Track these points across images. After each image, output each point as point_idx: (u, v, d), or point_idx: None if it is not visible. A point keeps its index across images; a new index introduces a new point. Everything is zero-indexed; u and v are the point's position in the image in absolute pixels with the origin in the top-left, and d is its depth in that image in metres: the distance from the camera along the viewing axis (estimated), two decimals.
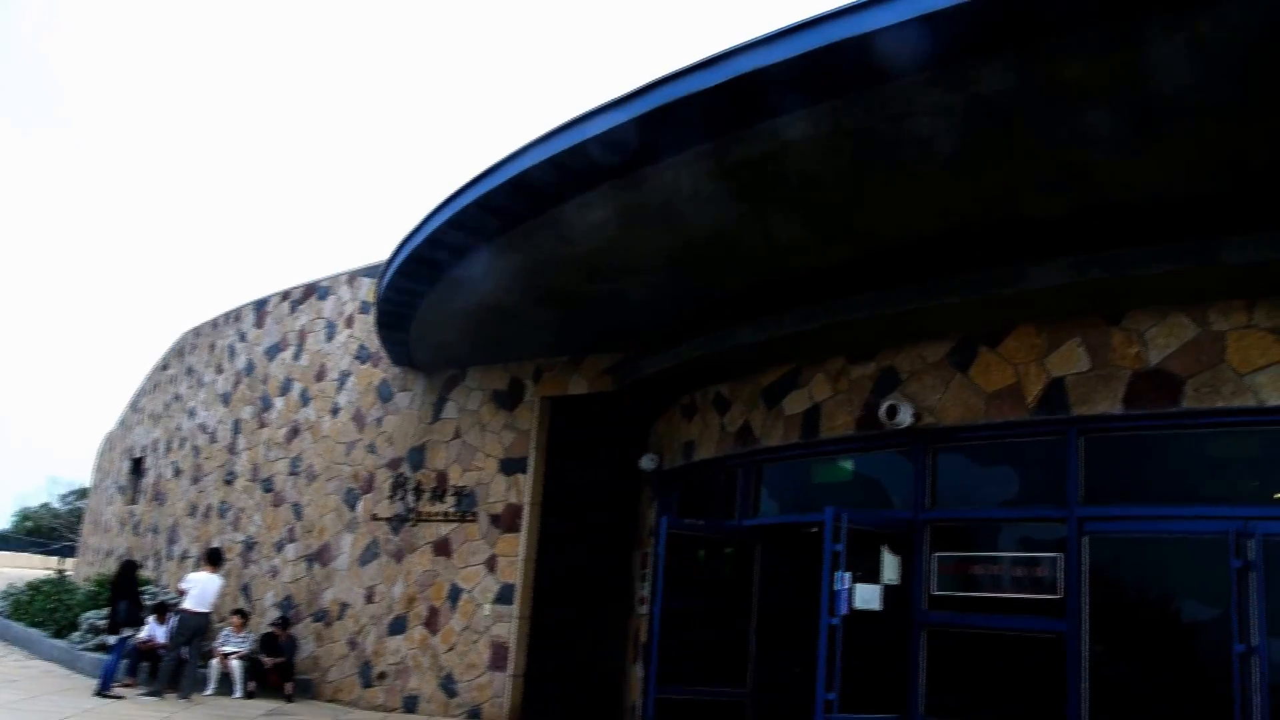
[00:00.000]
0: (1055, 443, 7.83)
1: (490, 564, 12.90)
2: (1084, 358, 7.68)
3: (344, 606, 14.40)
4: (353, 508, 14.74)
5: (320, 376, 16.07)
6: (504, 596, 12.67)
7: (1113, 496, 7.63)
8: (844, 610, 7.89)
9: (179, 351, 21.74)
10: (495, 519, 13.00)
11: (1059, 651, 7.49)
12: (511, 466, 13.03)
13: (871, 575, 8.19)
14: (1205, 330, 7.31)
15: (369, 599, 14.09)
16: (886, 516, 8.58)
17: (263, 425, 17.18)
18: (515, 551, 12.72)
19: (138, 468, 23.13)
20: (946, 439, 8.38)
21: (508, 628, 12.56)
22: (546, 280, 9.84)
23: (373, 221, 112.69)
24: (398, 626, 13.61)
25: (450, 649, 12.99)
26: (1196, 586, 7.40)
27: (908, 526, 8.35)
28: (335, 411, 15.54)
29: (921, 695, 8.13)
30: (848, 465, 9.46)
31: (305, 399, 16.30)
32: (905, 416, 8.25)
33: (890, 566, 8.26)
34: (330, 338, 16.08)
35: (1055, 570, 7.65)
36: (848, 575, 7.96)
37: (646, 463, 11.48)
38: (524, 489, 12.86)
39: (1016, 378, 7.96)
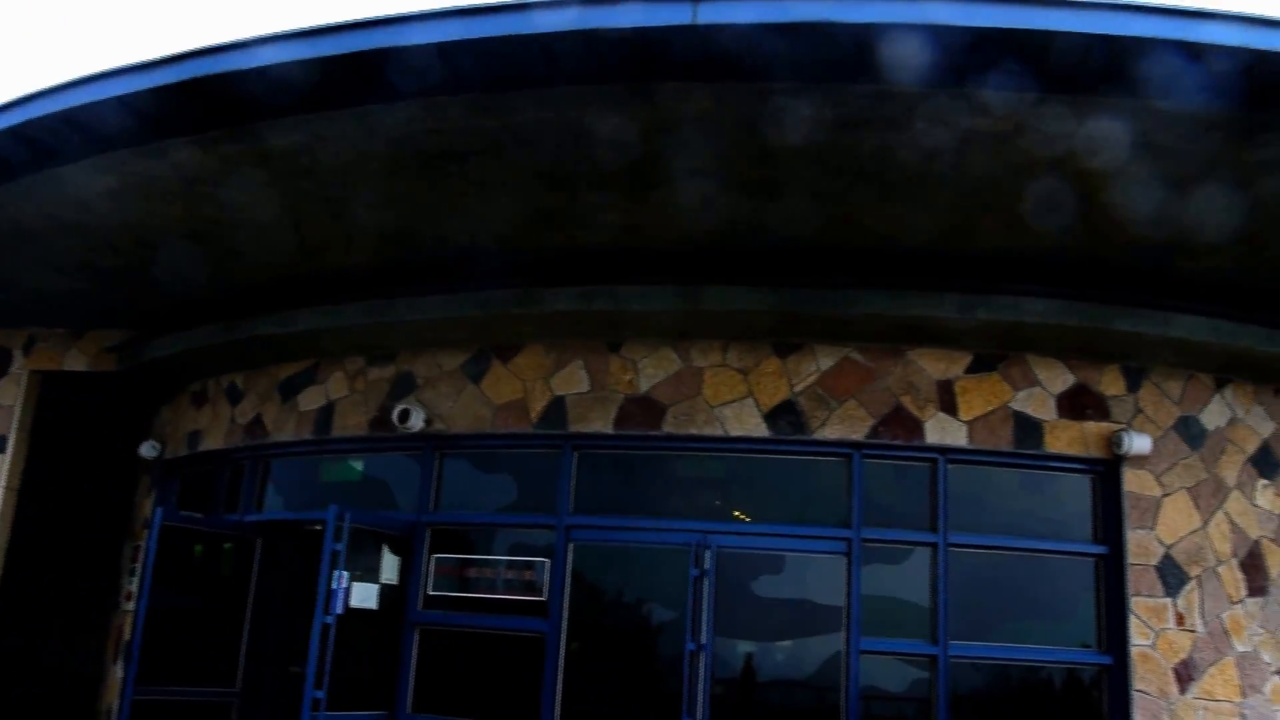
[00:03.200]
0: (553, 456, 8.63)
1: None
2: (585, 379, 8.56)
3: None
4: None
5: None
6: None
7: (598, 508, 8.55)
8: (339, 609, 8.12)
9: None
10: None
11: (540, 650, 8.29)
12: None
13: (371, 574, 8.52)
14: (688, 365, 8.47)
15: None
16: (390, 517, 8.95)
17: None
18: None
19: None
20: (455, 445, 8.92)
21: None
22: (45, 243, 9.14)
23: None
24: None
25: None
26: (662, 592, 8.47)
27: (410, 528, 8.78)
28: None
29: (410, 692, 8.58)
30: (357, 465, 9.72)
31: None
32: (417, 421, 8.68)
33: (390, 566, 8.63)
34: None
35: (543, 574, 8.44)
36: (346, 574, 8.21)
37: (147, 450, 10.98)
38: (0, 472, 11.77)
39: (524, 392, 8.68)
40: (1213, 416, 8.87)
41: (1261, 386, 9.11)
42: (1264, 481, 8.91)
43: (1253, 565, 8.70)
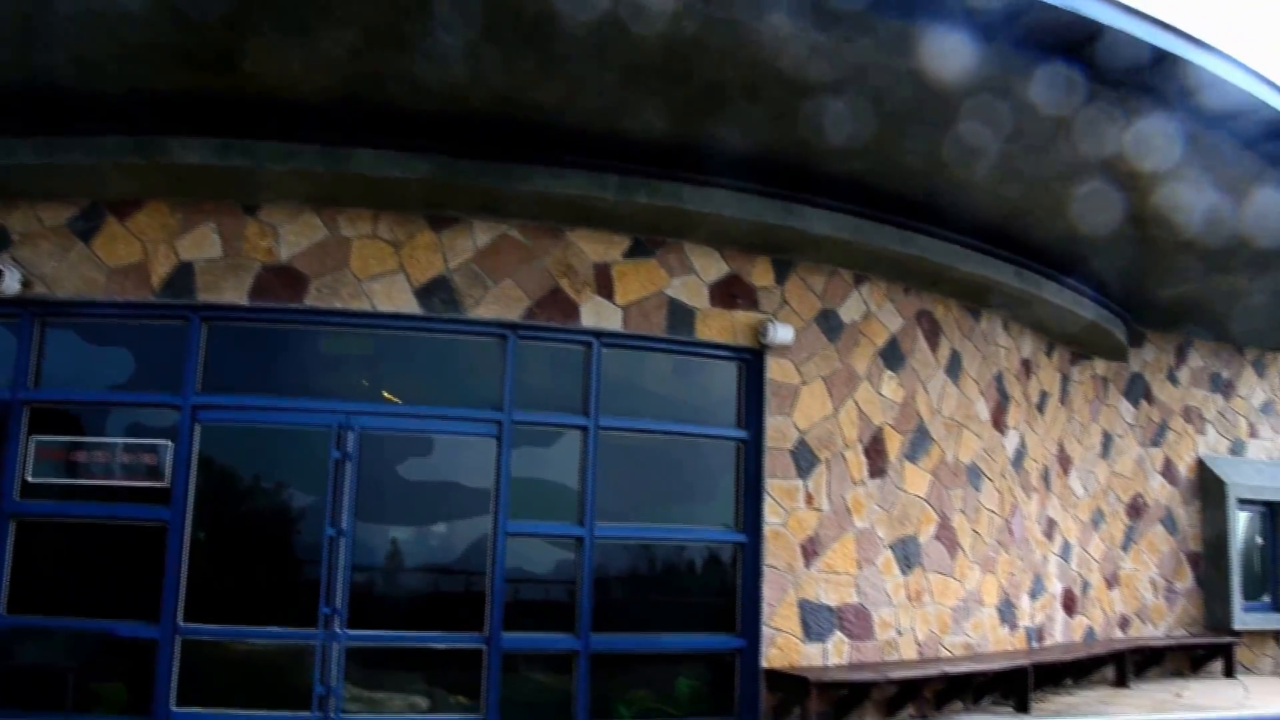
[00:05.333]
0: (178, 328, 7.95)
1: None
2: (217, 244, 7.90)
3: None
4: None
5: None
6: None
7: (231, 386, 7.99)
8: None
9: None
10: None
11: (162, 540, 7.73)
12: None
13: None
14: (334, 234, 8.02)
15: None
16: None
17: None
18: None
19: None
20: (60, 313, 7.99)
21: None
22: None
23: None
24: None
25: None
26: (301, 476, 8.11)
27: (4, 408, 7.87)
28: None
29: (4, 592, 7.78)
30: None
31: None
32: (12, 283, 7.68)
33: None
34: None
35: (165, 458, 7.84)
36: None
37: None
38: None
39: (144, 255, 7.88)
40: (850, 311, 9.54)
41: (894, 285, 9.88)
42: (890, 373, 9.74)
43: (875, 450, 9.53)
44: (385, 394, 8.37)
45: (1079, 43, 6.78)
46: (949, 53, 6.49)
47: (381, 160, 7.57)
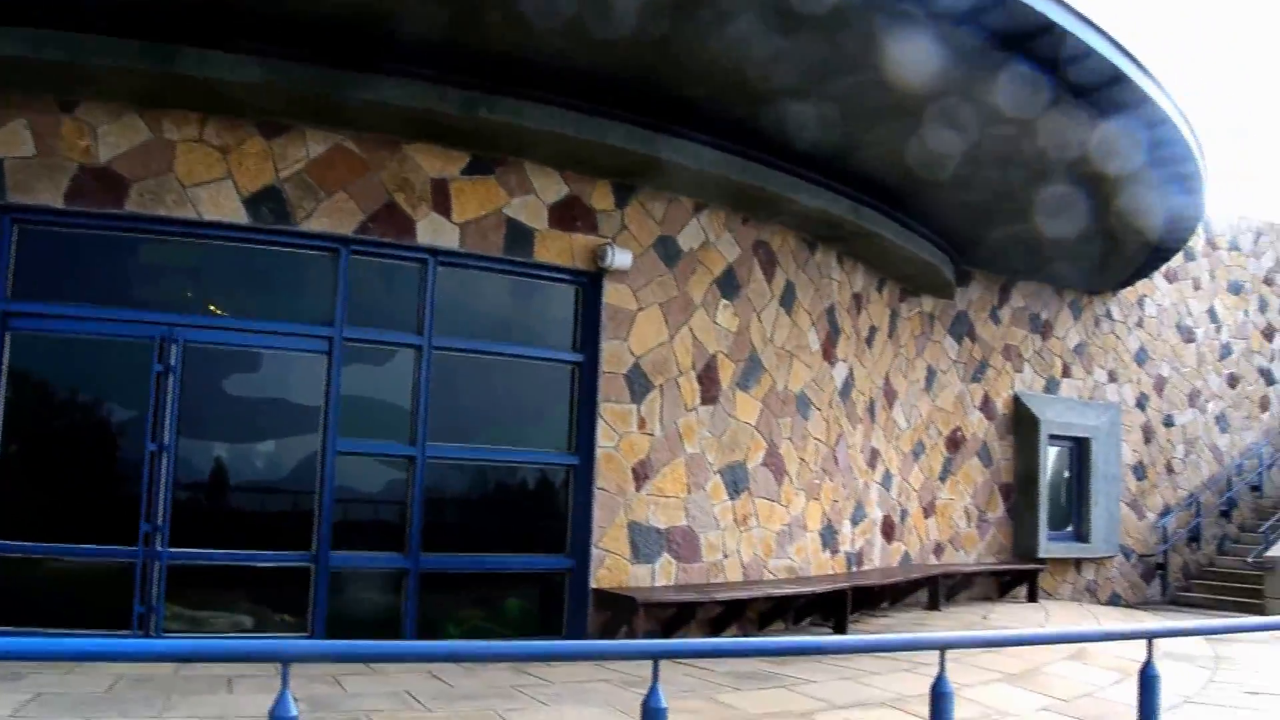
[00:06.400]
0: None
1: None
2: (29, 142, 7.54)
3: None
4: None
5: None
6: None
7: (44, 293, 7.70)
8: None
9: None
10: None
11: None
12: None
13: None
14: (158, 137, 7.76)
15: None
16: None
17: None
18: None
19: None
20: None
21: None
22: None
23: None
24: None
25: None
26: (122, 389, 7.92)
27: None
28: None
29: None
30: None
31: None
32: None
33: None
34: None
35: None
36: None
37: None
38: None
39: None
40: (689, 239, 9.77)
41: (733, 214, 10.15)
42: (725, 302, 10.04)
43: (708, 377, 9.85)
44: (211, 306, 8.22)
45: None
46: None
47: (210, 61, 7.34)
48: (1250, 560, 15.64)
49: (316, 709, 6.13)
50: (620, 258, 9.08)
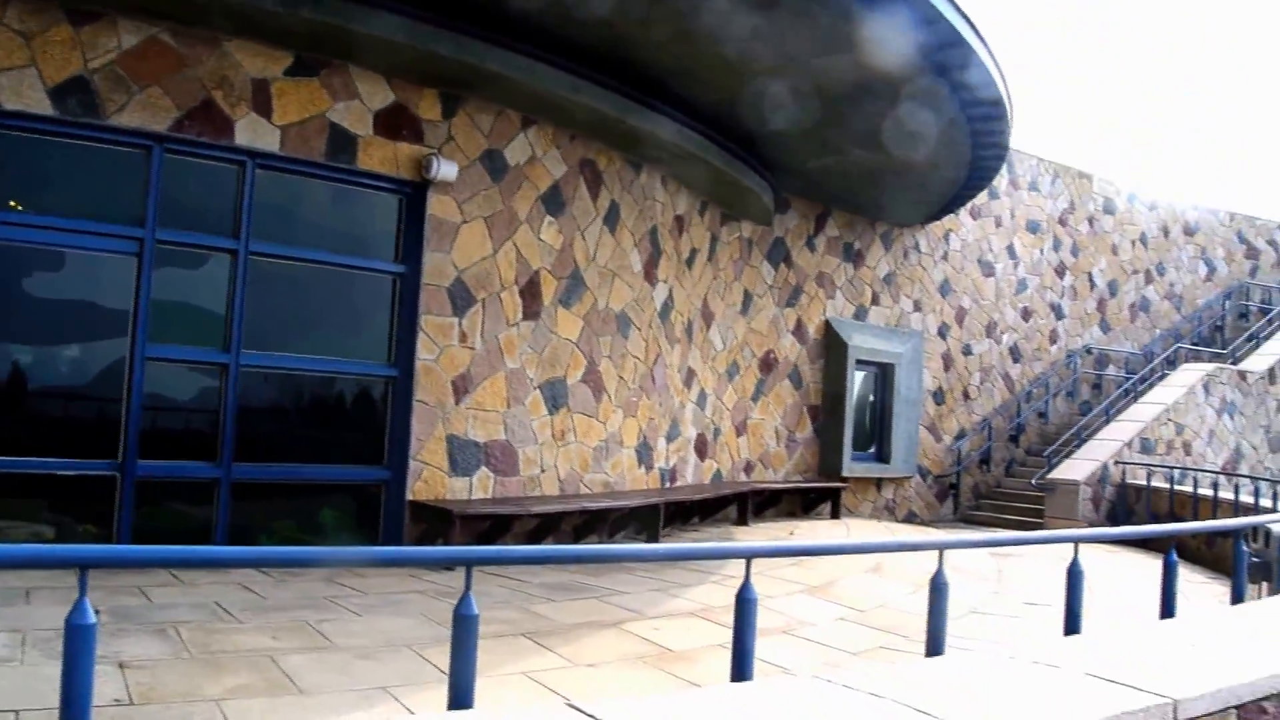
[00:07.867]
0: None
1: None
2: None
3: None
4: None
5: None
6: None
7: None
8: None
9: None
10: None
11: None
12: None
13: None
14: None
15: None
16: None
17: None
18: None
19: None
20: None
21: None
22: None
23: None
24: None
25: None
26: None
27: None
28: None
29: None
30: None
31: None
32: None
33: None
34: None
35: None
36: None
37: None
38: None
39: None
40: (515, 153, 9.89)
41: (560, 131, 10.31)
42: (550, 219, 10.23)
43: (530, 293, 10.06)
44: (12, 203, 7.91)
45: None
46: None
47: None
48: (1034, 482, 16.98)
49: (120, 620, 6.13)
50: (446, 169, 9.13)
